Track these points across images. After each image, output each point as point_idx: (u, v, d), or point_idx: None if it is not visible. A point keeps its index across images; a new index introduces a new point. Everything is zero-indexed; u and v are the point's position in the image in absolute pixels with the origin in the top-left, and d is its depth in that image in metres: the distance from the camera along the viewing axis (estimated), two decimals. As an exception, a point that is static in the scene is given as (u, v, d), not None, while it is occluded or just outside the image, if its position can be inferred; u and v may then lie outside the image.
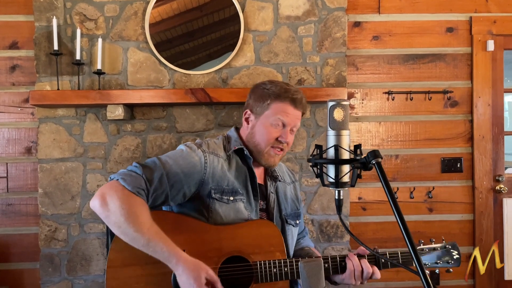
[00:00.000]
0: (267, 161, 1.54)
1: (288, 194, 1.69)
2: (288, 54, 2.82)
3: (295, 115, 1.54)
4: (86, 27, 2.72)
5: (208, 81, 2.78)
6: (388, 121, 3.03)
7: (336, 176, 0.98)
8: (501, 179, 3.03)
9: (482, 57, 3.01)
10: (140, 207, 1.32)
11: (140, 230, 1.29)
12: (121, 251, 1.35)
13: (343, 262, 1.44)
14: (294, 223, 1.65)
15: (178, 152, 1.48)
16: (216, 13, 2.76)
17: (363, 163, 0.95)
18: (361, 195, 3.01)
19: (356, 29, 2.99)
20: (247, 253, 1.40)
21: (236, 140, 1.60)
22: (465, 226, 3.05)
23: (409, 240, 0.84)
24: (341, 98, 1.72)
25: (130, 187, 1.33)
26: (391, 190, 0.90)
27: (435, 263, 1.51)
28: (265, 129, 1.53)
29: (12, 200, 2.83)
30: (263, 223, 1.48)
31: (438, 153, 3.03)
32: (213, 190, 1.46)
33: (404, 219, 0.89)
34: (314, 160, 1.01)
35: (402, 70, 3.02)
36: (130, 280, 1.35)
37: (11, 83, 2.82)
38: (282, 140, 1.53)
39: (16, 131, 2.84)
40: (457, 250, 1.53)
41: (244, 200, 1.52)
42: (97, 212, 1.34)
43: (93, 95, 2.57)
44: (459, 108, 3.03)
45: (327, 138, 1.02)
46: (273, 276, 1.38)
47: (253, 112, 1.58)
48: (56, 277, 2.73)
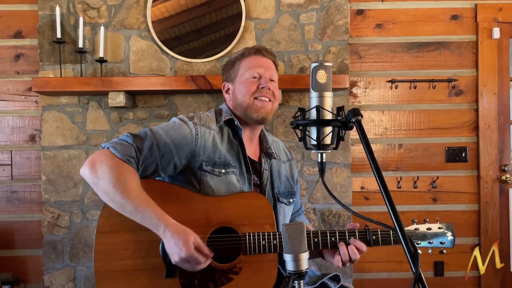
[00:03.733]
0: (258, 113, 1.53)
1: (283, 172, 1.67)
2: (289, 42, 2.81)
3: (265, 63, 1.58)
4: (88, 15, 2.74)
5: (210, 69, 2.78)
6: (391, 110, 3.00)
7: (318, 137, 0.96)
8: (507, 169, 2.98)
9: (487, 45, 2.96)
10: (129, 175, 1.32)
11: (128, 197, 1.29)
12: (110, 217, 1.36)
13: (332, 238, 1.43)
14: (287, 202, 1.63)
15: (170, 124, 1.49)
16: (224, 8, 2.76)
17: (344, 122, 0.93)
18: (364, 184, 2.98)
19: (359, 17, 2.97)
20: (236, 225, 1.39)
21: (226, 111, 1.60)
22: (470, 217, 3.00)
23: (389, 202, 0.83)
24: (325, 60, 1.71)
25: (120, 155, 1.33)
26: (371, 149, 0.88)
27: (428, 243, 1.48)
28: (243, 84, 1.56)
29: (16, 188, 2.86)
30: (253, 195, 1.48)
31: (443, 142, 2.99)
32: (204, 162, 1.46)
33: (384, 180, 0.87)
34: (296, 122, 1.00)
35: (406, 59, 2.99)
36: (119, 246, 1.35)
37: (15, 71, 2.86)
38: (263, 85, 1.53)
39: (20, 119, 2.87)
40: (452, 231, 1.50)
41: (237, 172, 1.51)
42: (86, 179, 1.35)
43: (95, 82, 2.59)
44: (464, 97, 2.99)
45: (310, 101, 1.01)
46: (262, 248, 1.37)
47: (229, 80, 1.63)
48: (59, 263, 2.75)
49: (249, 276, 1.37)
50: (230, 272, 1.37)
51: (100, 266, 1.35)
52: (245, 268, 1.38)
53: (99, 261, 1.35)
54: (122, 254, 1.35)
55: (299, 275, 0.97)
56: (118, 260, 1.35)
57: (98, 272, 1.34)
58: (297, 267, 0.97)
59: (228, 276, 1.37)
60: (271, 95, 1.55)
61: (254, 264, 1.38)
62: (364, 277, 2.98)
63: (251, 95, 1.53)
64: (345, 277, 2.82)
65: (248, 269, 1.37)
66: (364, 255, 2.93)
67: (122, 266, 1.34)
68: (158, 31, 2.72)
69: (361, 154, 2.98)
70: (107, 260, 1.35)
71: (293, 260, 0.97)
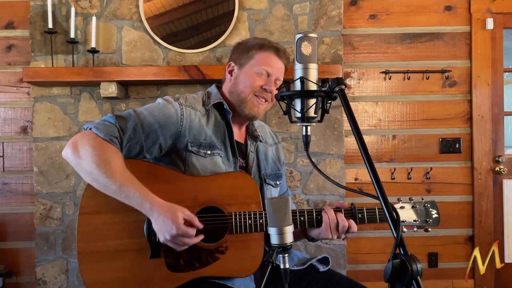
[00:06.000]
0: (251, 110, 1.52)
1: (270, 155, 1.67)
2: (283, 32, 2.80)
3: (278, 65, 1.56)
4: (80, 5, 2.73)
5: (203, 60, 2.77)
6: (385, 101, 2.99)
7: (302, 109, 0.95)
8: (501, 160, 2.97)
9: (481, 36, 2.96)
10: (112, 154, 1.31)
11: (111, 176, 1.27)
12: (93, 198, 1.34)
13: (319, 216, 1.42)
14: (273, 183, 1.63)
15: (155, 105, 1.48)
16: (220, 4, 2.75)
17: (327, 92, 0.92)
18: (358, 175, 2.98)
19: (353, 8, 2.97)
20: (222, 204, 1.38)
21: (216, 94, 1.59)
22: (464, 208, 2.99)
23: (371, 166, 0.82)
24: (309, 31, 1.69)
25: (103, 135, 1.32)
26: (355, 119, 0.87)
27: (413, 221, 1.47)
28: (249, 77, 1.53)
29: (8, 179, 2.84)
30: (239, 174, 1.46)
31: (437, 133, 2.98)
32: (190, 143, 1.44)
33: (364, 141, 0.86)
34: (280, 94, 0.99)
35: (400, 50, 2.98)
36: (103, 227, 1.34)
37: (7, 62, 2.84)
38: (267, 89, 1.52)
39: (12, 111, 2.85)
40: (436, 209, 1.49)
41: (222, 154, 1.50)
42: (69, 161, 1.33)
43: (86, 72, 2.58)
44: (458, 88, 2.99)
45: (294, 73, 0.99)
46: (248, 228, 1.36)
47: (237, 63, 1.59)
48: (51, 255, 2.73)
49: (235, 256, 1.36)
50: (216, 252, 1.36)
51: (83, 247, 1.33)
52: (231, 247, 1.36)
53: (82, 242, 1.33)
54: (106, 235, 1.33)
55: (283, 249, 0.96)
56: (102, 241, 1.33)
57: (81, 253, 1.33)
58: (281, 241, 0.96)
59: (214, 255, 1.36)
60: (270, 97, 1.54)
61: (240, 243, 1.37)
62: (358, 268, 2.97)
63: (252, 91, 1.52)
64: (339, 268, 2.81)
65: (234, 249, 1.36)
66: (358, 246, 2.98)
67: (106, 247, 1.33)
68: (154, 27, 2.71)
69: (354, 145, 2.97)
70: (91, 241, 1.33)
71: (278, 233, 0.96)
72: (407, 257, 0.73)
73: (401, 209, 1.47)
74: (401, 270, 0.73)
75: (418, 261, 0.73)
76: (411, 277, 0.71)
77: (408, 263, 0.72)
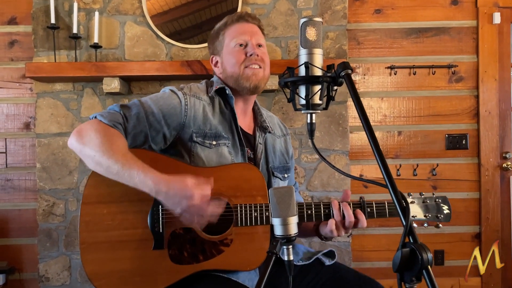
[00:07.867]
0: (249, 80, 1.47)
1: (277, 147, 1.63)
2: (287, 27, 2.77)
3: (249, 29, 1.52)
4: (83, 1, 2.71)
5: (206, 55, 2.75)
6: (390, 97, 2.95)
7: (306, 95, 0.92)
8: (509, 156, 2.93)
9: (488, 30, 2.92)
10: (115, 136, 1.29)
11: (113, 156, 1.24)
12: (96, 187, 1.32)
13: (326, 210, 1.38)
14: (281, 177, 1.59)
15: (160, 94, 1.45)
16: (224, 2, 2.72)
17: (333, 77, 0.89)
18: (363, 172, 2.94)
19: (358, 2, 2.93)
20: (227, 196, 1.35)
21: (217, 81, 1.56)
22: (470, 205, 2.95)
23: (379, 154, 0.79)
24: (314, 15, 1.65)
25: (107, 121, 1.30)
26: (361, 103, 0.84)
27: (424, 217, 1.44)
28: (230, 54, 1.51)
29: (11, 176, 2.83)
30: (246, 166, 1.43)
31: (443, 129, 2.95)
32: (194, 133, 1.42)
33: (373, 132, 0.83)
34: (283, 80, 0.96)
35: (405, 44, 2.94)
36: (105, 217, 1.31)
37: (9, 58, 2.82)
38: (251, 52, 1.48)
39: (14, 107, 2.84)
40: (448, 205, 1.45)
41: (229, 144, 1.47)
42: (73, 148, 1.31)
43: (89, 67, 2.56)
44: (464, 83, 2.95)
45: (299, 58, 0.97)
46: (254, 220, 1.33)
47: (216, 53, 1.58)
48: (54, 252, 2.72)
49: (240, 248, 1.33)
50: (221, 244, 1.33)
51: (86, 237, 1.31)
52: (236, 240, 1.33)
53: (84, 232, 1.31)
54: (109, 225, 1.31)
55: (287, 240, 0.93)
56: (105, 231, 1.30)
57: (83, 243, 1.30)
58: (285, 232, 0.93)
59: (218, 248, 1.33)
60: (261, 61, 1.49)
61: (245, 236, 1.34)
62: (363, 266, 2.93)
63: (241, 64, 1.48)
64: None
65: (239, 241, 1.33)
66: (363, 243, 2.94)
67: (109, 237, 1.30)
68: (158, 25, 2.69)
69: (360, 141, 2.94)
70: (93, 231, 1.31)
71: (281, 224, 0.93)
72: (417, 245, 0.70)
73: (411, 203, 1.44)
74: (410, 260, 0.71)
75: (428, 250, 0.70)
76: (421, 267, 0.68)
77: (418, 251, 0.69)
